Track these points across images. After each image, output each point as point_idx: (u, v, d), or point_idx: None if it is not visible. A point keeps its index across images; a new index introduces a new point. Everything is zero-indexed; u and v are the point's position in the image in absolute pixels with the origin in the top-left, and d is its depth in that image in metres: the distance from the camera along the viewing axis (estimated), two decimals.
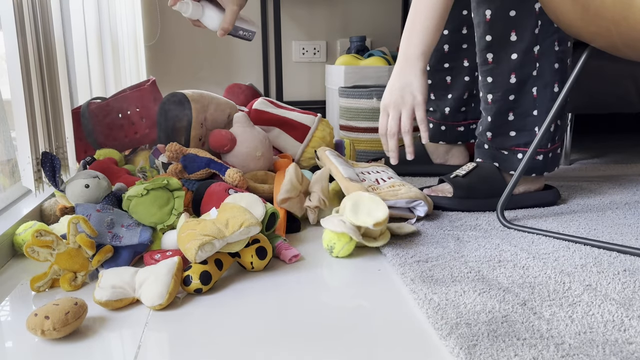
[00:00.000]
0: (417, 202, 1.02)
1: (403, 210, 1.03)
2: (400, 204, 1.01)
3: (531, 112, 1.06)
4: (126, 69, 1.88)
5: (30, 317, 0.61)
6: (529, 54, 1.02)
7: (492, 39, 1.04)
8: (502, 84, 1.06)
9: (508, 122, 1.08)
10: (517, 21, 1.01)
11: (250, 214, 0.79)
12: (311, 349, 0.60)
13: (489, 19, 1.03)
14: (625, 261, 0.82)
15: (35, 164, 0.93)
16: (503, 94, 1.06)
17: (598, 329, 0.62)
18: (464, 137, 1.38)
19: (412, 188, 1.04)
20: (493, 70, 1.06)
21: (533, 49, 1.02)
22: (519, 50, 1.02)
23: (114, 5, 1.71)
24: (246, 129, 1.13)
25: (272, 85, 2.46)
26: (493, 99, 1.08)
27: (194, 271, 0.73)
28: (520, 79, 1.04)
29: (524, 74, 1.04)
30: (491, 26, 1.03)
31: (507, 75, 1.05)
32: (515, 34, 1.02)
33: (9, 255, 0.87)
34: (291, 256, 0.84)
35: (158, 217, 0.85)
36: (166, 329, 0.65)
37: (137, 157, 1.23)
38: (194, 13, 1.08)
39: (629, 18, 0.74)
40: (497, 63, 1.05)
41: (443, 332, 0.62)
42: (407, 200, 1.01)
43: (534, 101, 1.06)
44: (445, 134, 1.38)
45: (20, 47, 0.89)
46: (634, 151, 1.78)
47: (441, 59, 1.32)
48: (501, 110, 1.08)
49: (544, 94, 1.05)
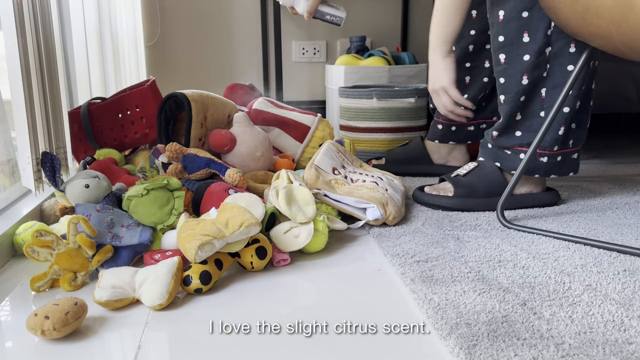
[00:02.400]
0: (369, 205, 0.98)
1: (354, 209, 1.00)
2: (349, 201, 0.99)
3: (538, 113, 1.06)
4: (126, 69, 1.88)
5: (30, 317, 0.61)
6: (541, 55, 1.02)
7: (504, 39, 1.04)
8: (514, 85, 1.06)
9: (516, 122, 1.08)
10: (529, 22, 1.01)
11: (250, 214, 0.79)
12: (311, 348, 0.60)
13: (502, 19, 1.03)
14: (625, 261, 0.82)
15: (35, 164, 0.93)
16: (515, 95, 1.06)
17: (598, 329, 0.62)
18: (473, 137, 1.38)
19: (378, 193, 1.01)
20: (505, 71, 1.06)
21: (545, 50, 1.02)
22: (531, 51, 1.02)
23: (114, 5, 1.71)
24: (246, 129, 1.13)
25: (272, 85, 2.46)
26: (505, 100, 1.08)
27: (194, 271, 0.73)
28: (531, 80, 1.04)
29: (535, 75, 1.04)
30: (504, 27, 1.03)
31: (519, 77, 1.05)
32: (528, 35, 1.02)
33: (9, 255, 0.87)
34: (279, 259, 0.83)
35: (158, 217, 0.85)
36: (166, 329, 0.65)
37: (137, 157, 1.23)
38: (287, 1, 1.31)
39: (629, 18, 0.74)
40: (509, 64, 1.05)
41: (443, 332, 0.62)
42: (357, 200, 0.98)
43: (542, 102, 1.05)
44: (455, 134, 1.38)
45: (20, 47, 0.89)
46: (634, 151, 1.78)
47: (464, 58, 1.31)
48: (512, 111, 1.08)
49: (552, 95, 1.04)
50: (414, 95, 1.55)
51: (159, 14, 2.31)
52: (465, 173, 1.13)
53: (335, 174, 1.06)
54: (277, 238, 0.84)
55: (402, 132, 1.57)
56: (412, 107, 1.56)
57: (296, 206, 0.87)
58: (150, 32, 2.30)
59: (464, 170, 1.14)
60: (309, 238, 0.83)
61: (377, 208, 0.98)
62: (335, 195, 0.99)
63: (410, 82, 1.84)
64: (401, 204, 1.05)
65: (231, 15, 2.41)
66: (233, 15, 2.41)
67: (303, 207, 0.88)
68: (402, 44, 2.47)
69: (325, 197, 0.99)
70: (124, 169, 1.09)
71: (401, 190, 1.11)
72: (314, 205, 0.89)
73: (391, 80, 1.83)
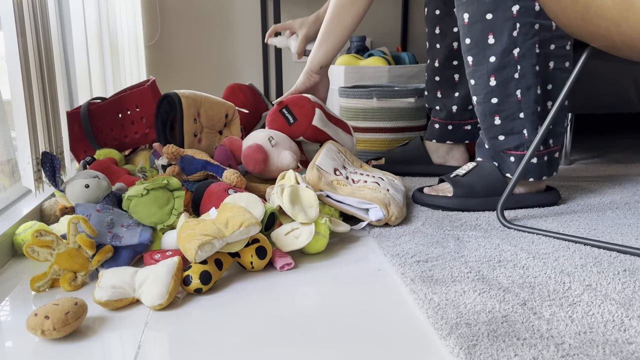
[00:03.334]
0: (371, 205, 0.98)
1: (356, 210, 0.99)
2: (351, 202, 0.99)
3: (517, 115, 1.06)
4: (126, 69, 1.88)
5: (30, 317, 0.61)
6: (508, 56, 1.03)
7: (470, 41, 1.05)
8: (482, 86, 1.07)
9: (495, 126, 1.09)
10: (493, 24, 1.02)
11: (250, 214, 0.79)
12: (311, 348, 0.60)
13: (467, 22, 1.04)
14: (625, 261, 0.82)
15: (35, 164, 0.93)
16: (484, 96, 1.07)
17: (598, 329, 0.62)
18: (471, 136, 1.38)
19: (380, 194, 1.00)
20: (474, 73, 1.07)
21: (512, 51, 1.03)
22: (496, 52, 1.03)
23: (113, 5, 1.71)
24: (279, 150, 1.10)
25: (272, 85, 2.46)
26: (477, 101, 1.09)
27: (194, 271, 0.73)
28: (499, 81, 1.05)
29: (503, 76, 1.04)
30: (469, 29, 1.05)
31: (486, 78, 1.06)
32: (493, 37, 1.03)
33: (9, 255, 0.87)
34: (283, 264, 0.82)
35: (158, 217, 0.85)
36: (166, 329, 0.65)
37: (137, 157, 1.23)
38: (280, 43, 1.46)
39: (629, 18, 0.74)
40: (477, 65, 1.06)
41: (443, 332, 0.62)
42: (360, 200, 0.98)
43: (519, 104, 1.06)
44: (452, 133, 1.38)
45: (20, 47, 0.89)
46: (634, 151, 1.78)
47: (449, 56, 1.32)
48: (485, 112, 1.09)
49: (527, 96, 1.05)
50: (414, 95, 1.55)
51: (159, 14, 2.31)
52: (464, 173, 1.13)
53: (337, 175, 1.05)
54: (278, 239, 0.84)
55: (401, 132, 1.57)
56: (412, 107, 1.56)
57: (299, 206, 0.87)
58: (150, 32, 2.30)
59: (463, 170, 1.14)
60: (309, 238, 0.83)
61: (380, 209, 0.98)
62: (338, 196, 0.99)
63: (410, 82, 1.84)
64: (403, 204, 1.05)
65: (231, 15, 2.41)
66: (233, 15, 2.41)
67: (306, 208, 0.88)
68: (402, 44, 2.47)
69: (327, 198, 0.99)
70: (124, 169, 1.09)
71: (402, 191, 1.11)
72: (317, 208, 0.89)
73: (391, 80, 1.83)
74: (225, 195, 0.89)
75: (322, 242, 0.87)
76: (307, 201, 0.89)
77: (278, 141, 1.09)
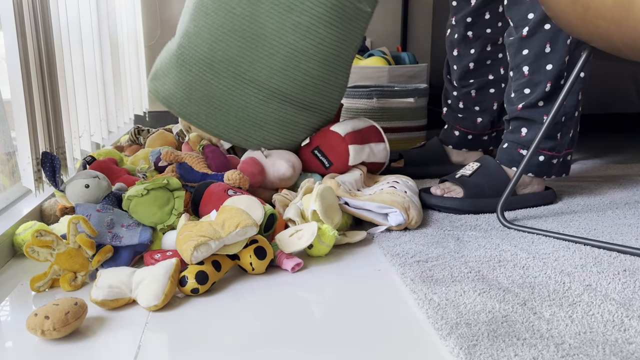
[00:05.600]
0: (391, 210, 0.96)
1: (376, 216, 0.98)
2: (370, 206, 0.97)
3: (560, 119, 1.10)
4: (126, 69, 1.88)
5: (30, 317, 0.61)
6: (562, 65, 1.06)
7: (528, 52, 1.08)
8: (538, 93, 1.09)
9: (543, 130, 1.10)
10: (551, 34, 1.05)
11: (247, 215, 0.79)
12: (311, 349, 0.60)
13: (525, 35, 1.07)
14: (625, 261, 0.82)
15: (35, 164, 0.93)
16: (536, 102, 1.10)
17: (598, 329, 0.62)
18: (486, 145, 1.39)
19: (399, 197, 0.99)
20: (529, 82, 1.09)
21: (564, 59, 1.06)
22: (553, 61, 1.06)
23: (113, 5, 1.71)
24: None
25: None
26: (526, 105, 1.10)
27: (190, 271, 0.73)
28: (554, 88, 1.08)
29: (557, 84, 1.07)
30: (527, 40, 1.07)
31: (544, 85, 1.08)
32: (550, 46, 1.06)
33: (9, 255, 0.87)
34: (294, 265, 0.82)
35: (158, 217, 0.85)
36: (166, 329, 0.65)
37: (137, 157, 1.23)
38: None
39: (629, 18, 0.74)
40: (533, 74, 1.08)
41: (443, 332, 0.62)
42: (380, 205, 0.96)
43: (563, 108, 1.09)
44: (471, 142, 1.38)
45: (20, 47, 0.89)
46: (634, 151, 1.78)
47: (465, 76, 1.34)
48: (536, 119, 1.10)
49: (570, 101, 1.09)
50: (414, 95, 1.55)
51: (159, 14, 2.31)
52: (470, 173, 1.12)
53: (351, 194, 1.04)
54: (282, 240, 0.84)
55: (402, 132, 1.57)
56: (412, 107, 1.56)
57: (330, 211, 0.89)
58: (150, 32, 2.30)
59: (468, 170, 1.13)
60: (310, 239, 0.83)
61: (400, 213, 0.96)
62: (356, 202, 0.97)
63: (410, 82, 1.84)
64: (420, 206, 1.04)
65: None
66: None
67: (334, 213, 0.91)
68: (402, 44, 2.47)
69: (345, 205, 0.98)
70: (124, 169, 1.09)
71: (417, 192, 1.10)
72: (340, 212, 0.92)
73: (391, 80, 1.83)
74: (225, 196, 0.89)
75: (325, 250, 0.87)
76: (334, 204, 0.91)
77: (271, 152, 1.10)
